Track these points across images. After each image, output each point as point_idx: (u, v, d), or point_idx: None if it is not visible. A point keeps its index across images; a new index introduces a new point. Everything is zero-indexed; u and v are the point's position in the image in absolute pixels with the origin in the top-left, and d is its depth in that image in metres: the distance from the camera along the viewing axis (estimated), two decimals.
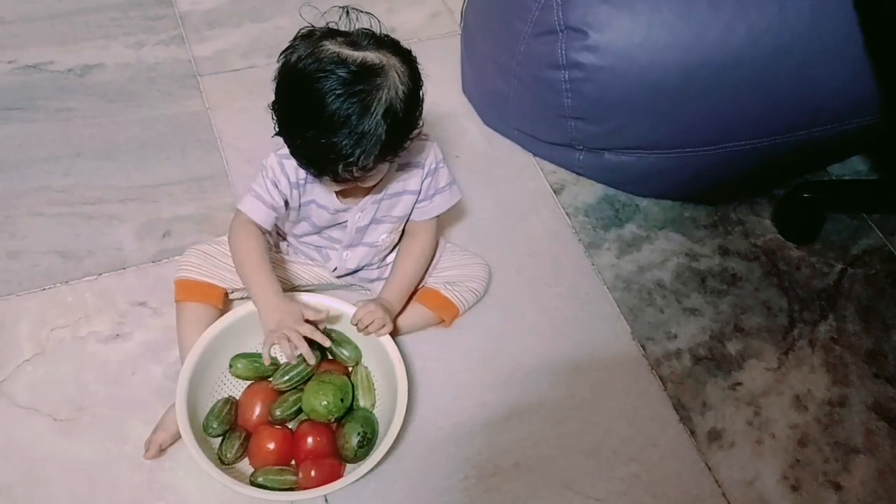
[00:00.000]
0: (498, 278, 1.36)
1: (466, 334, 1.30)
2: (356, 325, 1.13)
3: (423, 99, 1.02)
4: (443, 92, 1.62)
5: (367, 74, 0.95)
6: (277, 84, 1.00)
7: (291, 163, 1.08)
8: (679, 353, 1.32)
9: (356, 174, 0.99)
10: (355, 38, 0.98)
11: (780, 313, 1.39)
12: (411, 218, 1.20)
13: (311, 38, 0.99)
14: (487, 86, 1.54)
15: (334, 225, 1.17)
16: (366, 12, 1.02)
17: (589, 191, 1.51)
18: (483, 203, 1.47)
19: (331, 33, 0.99)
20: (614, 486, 1.18)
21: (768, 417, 1.27)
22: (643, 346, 1.32)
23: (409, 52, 1.01)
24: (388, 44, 0.99)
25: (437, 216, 1.21)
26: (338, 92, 0.94)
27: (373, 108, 0.95)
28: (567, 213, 1.48)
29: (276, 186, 1.10)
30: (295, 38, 1.00)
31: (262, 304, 1.09)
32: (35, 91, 1.55)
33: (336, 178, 1.00)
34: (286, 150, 1.07)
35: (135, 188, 1.43)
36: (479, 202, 1.46)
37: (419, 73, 1.01)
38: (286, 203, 1.12)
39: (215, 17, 1.73)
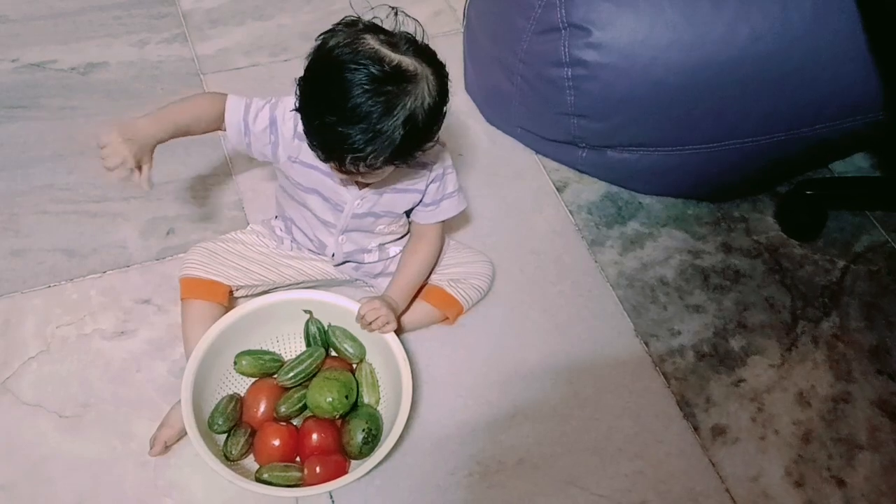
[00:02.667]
0: (501, 276, 1.36)
1: (470, 332, 1.30)
2: (360, 321, 1.13)
3: (445, 115, 1.02)
4: None
5: (399, 78, 0.95)
6: (309, 63, 0.99)
7: None
8: (682, 349, 1.33)
9: (361, 169, 1.00)
10: (396, 41, 0.98)
11: (784, 310, 1.39)
12: (418, 221, 1.21)
13: (353, 27, 0.98)
14: (490, 84, 1.55)
15: (330, 202, 1.16)
16: (412, 18, 1.02)
17: (592, 188, 1.51)
18: (486, 201, 1.47)
19: (373, 28, 0.99)
20: (619, 483, 1.18)
21: (772, 414, 1.27)
22: (646, 343, 1.33)
23: (443, 66, 1.01)
24: (425, 53, 0.99)
25: (444, 221, 1.21)
26: (366, 87, 0.94)
27: (395, 112, 0.95)
28: (570, 211, 1.48)
29: (273, 125, 1.11)
30: (338, 24, 1.00)
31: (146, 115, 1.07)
32: (39, 90, 1.55)
33: (341, 168, 1.00)
34: None
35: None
36: (482, 200, 1.46)
37: (447, 90, 1.01)
38: (277, 150, 1.12)
39: (218, 16, 1.73)
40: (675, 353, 1.32)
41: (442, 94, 1.00)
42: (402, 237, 1.26)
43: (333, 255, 1.23)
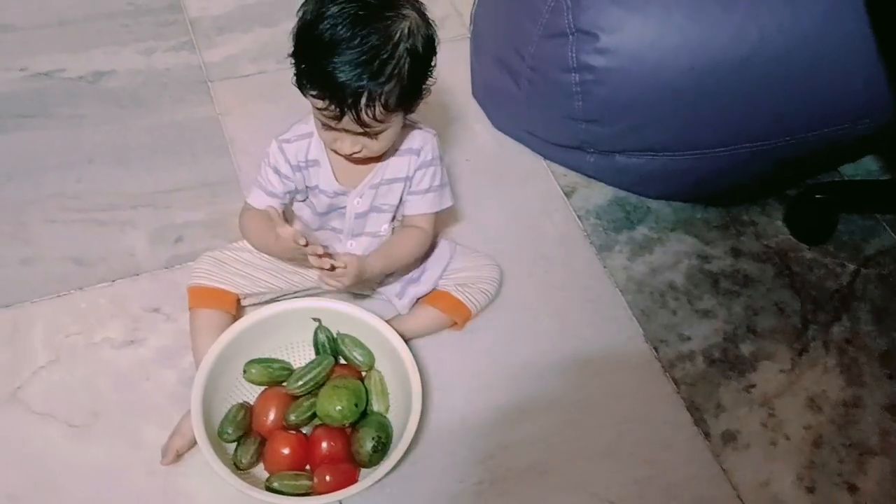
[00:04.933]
0: (509, 282, 1.36)
1: (479, 338, 1.30)
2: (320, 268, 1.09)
3: (437, 52, 1.04)
4: (452, 95, 1.62)
5: (391, 6, 0.97)
6: (298, 31, 1.00)
7: (292, 147, 1.12)
8: (692, 354, 1.32)
9: (378, 115, 0.99)
10: None
11: (794, 315, 1.38)
12: (406, 213, 1.19)
13: None
14: (497, 88, 1.54)
15: (334, 211, 1.17)
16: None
17: (600, 193, 1.51)
18: (494, 207, 1.47)
19: None
20: (629, 489, 1.18)
21: (782, 419, 1.26)
22: (656, 349, 1.32)
23: (426, 12, 1.02)
24: None
25: (433, 214, 1.20)
26: (361, 14, 0.95)
27: (396, 38, 0.96)
28: (578, 216, 1.48)
29: (277, 172, 1.14)
30: None
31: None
32: (47, 98, 1.56)
33: (360, 118, 0.99)
34: (287, 135, 1.13)
35: (147, 194, 1.43)
36: (489, 206, 1.46)
37: (434, 28, 1.02)
38: (296, 187, 1.16)
39: (225, 23, 1.73)
40: (685, 359, 1.32)
41: (430, 27, 1.01)
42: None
43: None
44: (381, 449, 1.10)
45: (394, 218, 1.20)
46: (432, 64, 1.03)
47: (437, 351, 1.28)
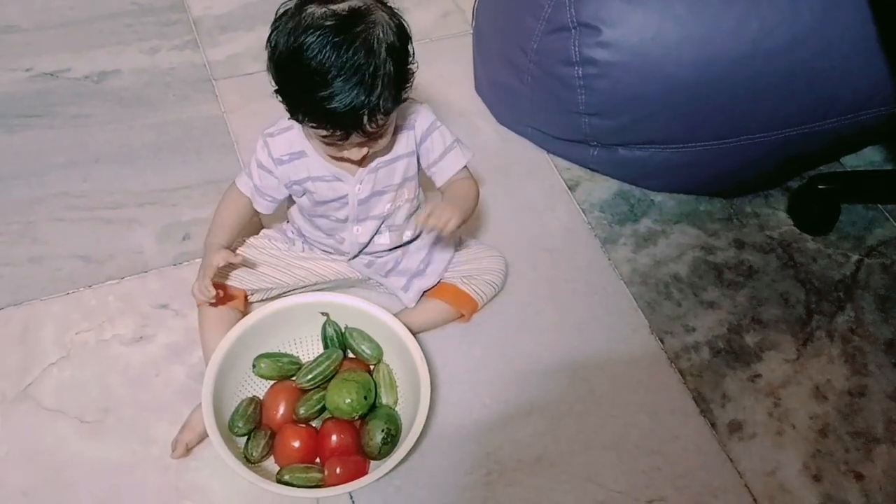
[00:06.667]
0: (514, 276, 1.36)
1: (485, 331, 1.31)
2: (426, 223, 1.08)
3: (410, 35, 1.03)
4: (455, 91, 1.63)
5: (359, 17, 0.97)
6: (276, 68, 1.00)
7: (275, 140, 1.13)
8: (697, 345, 1.33)
9: (380, 121, 1.00)
10: None
11: (798, 305, 1.39)
12: (441, 181, 1.19)
13: (287, 14, 0.99)
14: (500, 84, 1.55)
15: (334, 201, 1.17)
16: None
17: (603, 186, 1.52)
18: (498, 201, 1.47)
19: (304, 1, 0.99)
20: (637, 480, 1.18)
21: (788, 408, 1.27)
22: (661, 340, 1.33)
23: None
24: None
25: (462, 169, 1.19)
26: (336, 42, 0.95)
27: (375, 47, 0.96)
28: (582, 210, 1.48)
29: (261, 167, 1.15)
30: (276, 21, 1.00)
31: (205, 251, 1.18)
32: (52, 98, 1.56)
33: (365, 132, 1.00)
34: (271, 129, 1.13)
35: (153, 192, 1.44)
36: (494, 200, 1.47)
37: (399, 14, 1.02)
38: (280, 184, 1.16)
39: (227, 22, 1.74)
40: (690, 350, 1.32)
41: (396, 13, 1.01)
42: (414, 213, 1.25)
43: (349, 250, 1.24)
44: (391, 441, 1.11)
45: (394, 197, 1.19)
46: (410, 49, 1.03)
47: (443, 344, 1.28)
